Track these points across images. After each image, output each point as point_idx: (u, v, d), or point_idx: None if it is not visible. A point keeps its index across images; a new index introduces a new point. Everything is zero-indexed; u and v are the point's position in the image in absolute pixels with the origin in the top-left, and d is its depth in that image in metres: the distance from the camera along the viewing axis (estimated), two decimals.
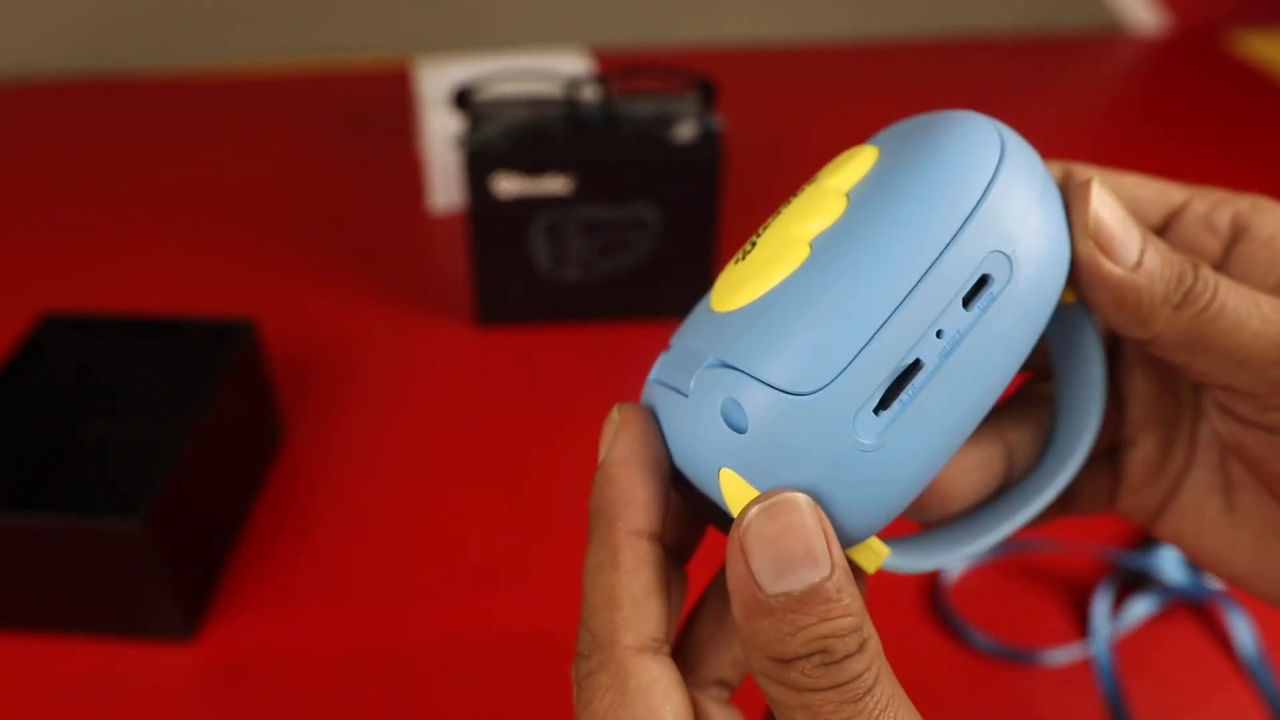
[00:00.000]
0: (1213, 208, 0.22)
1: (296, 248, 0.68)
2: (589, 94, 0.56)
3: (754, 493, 0.19)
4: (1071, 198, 0.20)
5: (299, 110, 0.85)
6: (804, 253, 0.19)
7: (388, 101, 0.87)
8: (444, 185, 0.71)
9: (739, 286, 0.20)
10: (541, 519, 0.49)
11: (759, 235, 0.21)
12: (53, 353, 0.50)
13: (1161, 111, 0.88)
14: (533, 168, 0.55)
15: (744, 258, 0.20)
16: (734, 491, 0.19)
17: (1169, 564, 0.44)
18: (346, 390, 0.56)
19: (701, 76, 0.56)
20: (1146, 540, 0.47)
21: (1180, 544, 0.25)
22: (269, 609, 0.44)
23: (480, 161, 0.55)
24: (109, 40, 0.92)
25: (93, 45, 0.92)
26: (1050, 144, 0.82)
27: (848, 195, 0.20)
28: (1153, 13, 1.06)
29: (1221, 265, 0.22)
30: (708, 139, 0.56)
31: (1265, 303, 0.19)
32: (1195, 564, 0.27)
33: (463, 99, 0.56)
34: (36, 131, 0.81)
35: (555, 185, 0.56)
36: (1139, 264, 0.19)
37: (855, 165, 0.21)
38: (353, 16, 0.95)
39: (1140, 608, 0.43)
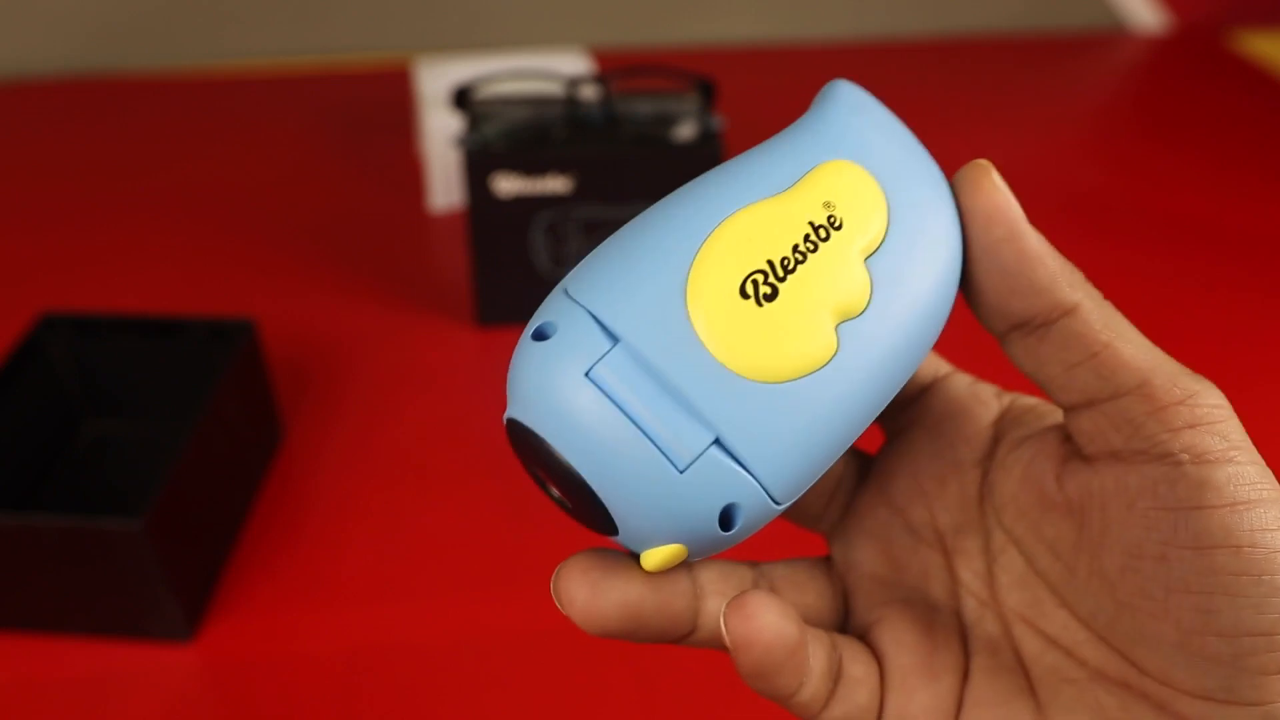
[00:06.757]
0: (974, 382, 0.23)
1: (296, 248, 0.68)
2: (589, 94, 0.56)
3: (679, 552, 0.18)
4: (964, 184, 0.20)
5: (299, 110, 0.85)
6: (833, 346, 0.18)
7: (388, 101, 0.87)
8: (444, 185, 0.71)
9: (760, 350, 0.17)
10: (541, 518, 0.48)
11: (779, 276, 0.18)
12: (53, 353, 0.50)
13: (1162, 111, 0.88)
14: (533, 168, 0.55)
15: (763, 301, 0.18)
16: (659, 557, 0.18)
17: None
18: (346, 390, 0.56)
19: (701, 76, 0.56)
20: None
21: None
22: (269, 609, 0.44)
23: (480, 161, 0.55)
24: (108, 40, 0.92)
25: (92, 45, 0.92)
26: (1051, 144, 0.82)
27: (867, 266, 0.19)
28: (1153, 12, 1.06)
29: (999, 421, 0.22)
30: (707, 139, 0.56)
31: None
32: None
33: (462, 99, 0.56)
34: (36, 131, 0.81)
35: (555, 185, 0.56)
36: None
37: (859, 199, 0.19)
38: (353, 16, 0.95)
39: None
